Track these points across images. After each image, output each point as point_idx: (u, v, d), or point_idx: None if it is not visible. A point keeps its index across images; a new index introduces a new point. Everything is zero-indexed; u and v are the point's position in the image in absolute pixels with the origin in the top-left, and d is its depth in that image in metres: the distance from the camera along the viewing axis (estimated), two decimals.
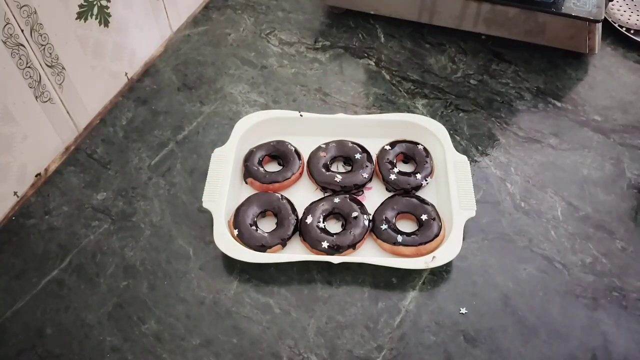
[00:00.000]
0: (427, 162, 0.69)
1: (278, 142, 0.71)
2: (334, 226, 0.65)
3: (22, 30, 0.61)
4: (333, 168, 0.70)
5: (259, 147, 0.70)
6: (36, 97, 0.66)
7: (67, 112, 0.72)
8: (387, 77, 0.82)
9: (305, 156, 0.70)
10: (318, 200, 0.65)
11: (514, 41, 0.84)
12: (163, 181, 0.70)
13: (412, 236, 0.62)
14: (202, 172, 0.69)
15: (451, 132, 0.72)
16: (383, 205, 0.65)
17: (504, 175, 0.71)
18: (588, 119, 0.77)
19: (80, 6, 0.69)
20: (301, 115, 0.72)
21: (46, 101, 0.68)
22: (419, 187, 0.67)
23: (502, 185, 0.70)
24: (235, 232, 0.62)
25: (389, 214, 0.64)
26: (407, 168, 0.70)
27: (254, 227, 0.63)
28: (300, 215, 0.64)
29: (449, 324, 0.58)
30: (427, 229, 0.62)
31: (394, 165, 0.68)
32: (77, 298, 0.60)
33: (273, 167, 0.71)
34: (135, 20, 0.79)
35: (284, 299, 0.60)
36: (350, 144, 0.70)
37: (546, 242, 0.64)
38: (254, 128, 0.71)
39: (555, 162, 0.72)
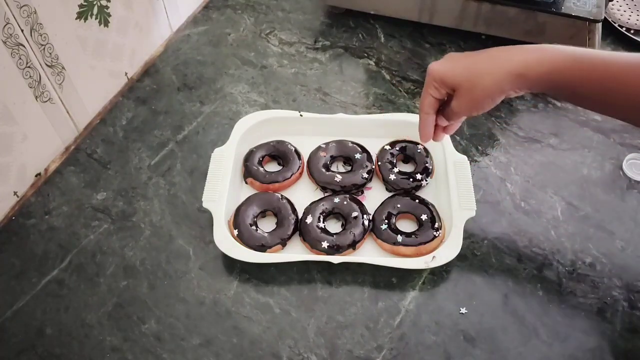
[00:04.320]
0: (427, 162, 0.69)
1: (278, 142, 0.71)
2: (334, 226, 0.65)
3: (22, 30, 0.61)
4: (333, 168, 0.70)
5: (259, 147, 0.70)
6: (36, 97, 0.66)
7: (67, 112, 0.72)
8: (387, 77, 0.82)
9: (305, 156, 0.70)
10: (318, 200, 0.65)
11: (514, 41, 0.83)
12: (163, 181, 0.70)
13: (412, 236, 0.62)
14: (202, 172, 0.69)
15: None
16: (383, 205, 0.65)
17: (504, 175, 0.71)
18: (588, 119, 0.77)
19: (80, 6, 0.69)
20: (301, 115, 0.72)
21: (46, 101, 0.68)
22: (419, 187, 0.67)
23: (502, 185, 0.70)
24: (235, 232, 0.62)
25: (389, 214, 0.64)
26: (407, 168, 0.70)
27: (254, 227, 0.63)
28: (300, 215, 0.64)
29: (449, 324, 0.58)
30: (427, 229, 0.62)
31: (394, 165, 0.68)
32: (77, 298, 0.60)
33: (273, 167, 0.71)
34: (135, 20, 0.79)
35: (284, 299, 0.60)
36: (350, 144, 0.70)
37: (546, 242, 0.64)
38: (254, 128, 0.71)
39: (555, 162, 0.72)
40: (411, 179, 0.67)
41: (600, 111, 0.54)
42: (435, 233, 0.62)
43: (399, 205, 0.64)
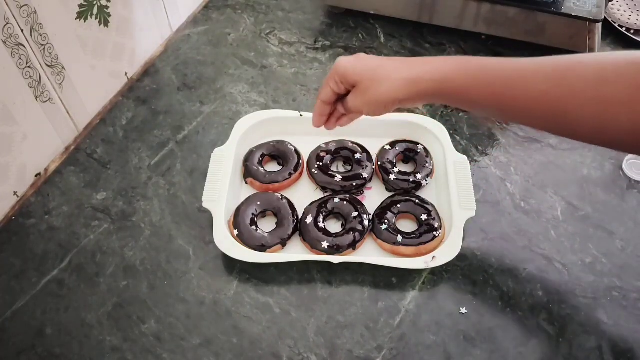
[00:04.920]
0: (427, 162, 0.69)
1: (278, 142, 0.71)
2: (334, 226, 0.65)
3: (22, 30, 0.61)
4: (333, 168, 0.70)
5: (259, 147, 0.70)
6: (36, 97, 0.66)
7: (67, 112, 0.72)
8: None
9: (305, 156, 0.70)
10: (318, 200, 0.65)
11: (514, 41, 0.84)
12: (163, 181, 0.70)
13: (412, 236, 0.62)
14: (202, 172, 0.69)
15: (451, 132, 0.72)
16: (383, 205, 0.65)
17: (504, 175, 0.71)
18: None
19: (80, 6, 0.69)
20: (301, 115, 0.72)
21: (46, 101, 0.68)
22: (419, 187, 0.67)
23: (502, 185, 0.70)
24: (235, 232, 0.62)
25: (389, 214, 0.64)
26: (407, 168, 0.70)
27: (253, 227, 0.63)
28: (300, 215, 0.64)
29: (449, 324, 0.58)
30: (427, 229, 0.62)
31: (394, 165, 0.68)
32: (77, 298, 0.60)
33: (273, 167, 0.71)
34: (135, 20, 0.79)
35: (284, 299, 0.60)
36: (350, 144, 0.70)
37: (546, 242, 0.64)
38: (254, 128, 0.71)
39: (555, 162, 0.72)
40: (411, 179, 0.67)
41: (495, 117, 0.54)
42: (435, 233, 0.62)
43: (399, 205, 0.64)
